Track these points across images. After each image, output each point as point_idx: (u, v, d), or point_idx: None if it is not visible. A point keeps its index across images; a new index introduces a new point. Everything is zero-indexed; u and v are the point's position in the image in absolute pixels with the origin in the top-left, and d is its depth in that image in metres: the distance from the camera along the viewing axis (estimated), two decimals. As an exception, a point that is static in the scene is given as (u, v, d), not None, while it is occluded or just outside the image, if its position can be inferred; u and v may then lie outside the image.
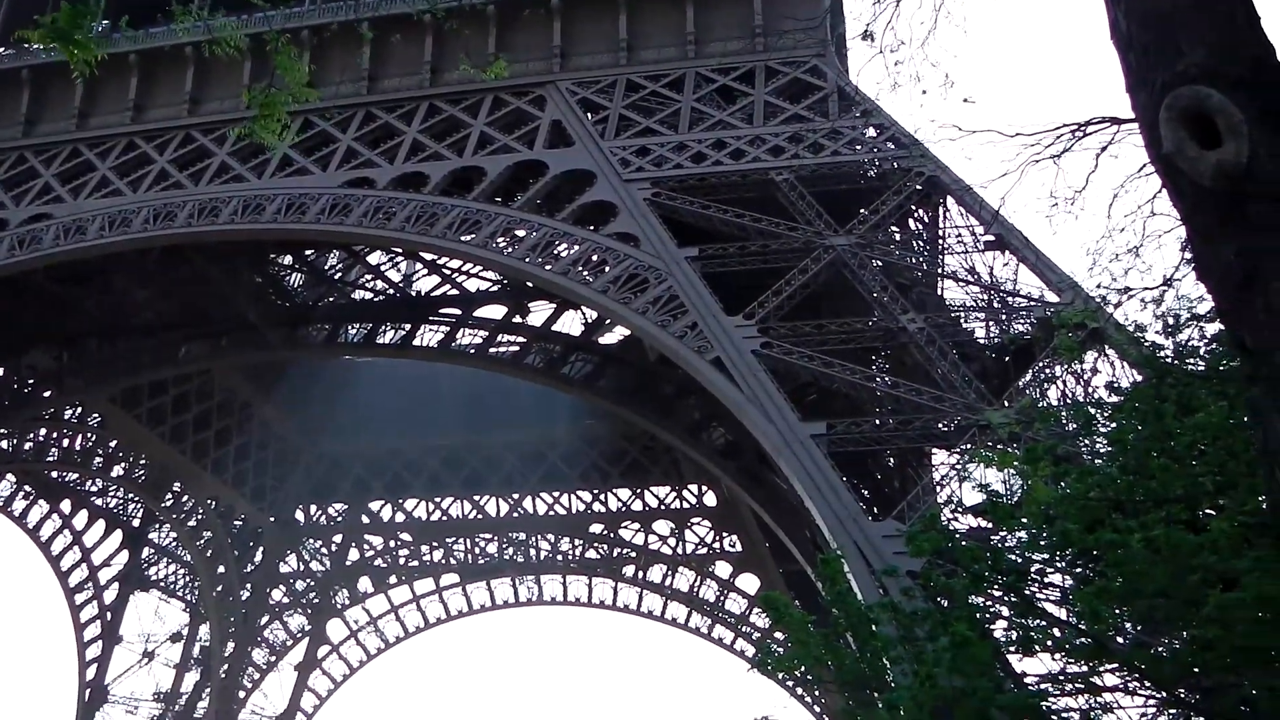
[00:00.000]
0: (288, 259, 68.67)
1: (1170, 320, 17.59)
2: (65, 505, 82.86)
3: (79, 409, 76.35)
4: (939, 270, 47.32)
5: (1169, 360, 17.68)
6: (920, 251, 48.88)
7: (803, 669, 23.90)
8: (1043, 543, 18.07)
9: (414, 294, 68.39)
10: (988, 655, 17.41)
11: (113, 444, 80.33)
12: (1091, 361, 33.03)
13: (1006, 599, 18.61)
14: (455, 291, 65.47)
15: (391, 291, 69.07)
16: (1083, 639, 16.65)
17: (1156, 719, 17.37)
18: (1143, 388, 18.04)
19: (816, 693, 65.69)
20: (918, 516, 35.09)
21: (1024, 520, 18.23)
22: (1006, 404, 36.51)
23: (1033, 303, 42.11)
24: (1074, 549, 16.73)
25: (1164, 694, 16.43)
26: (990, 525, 20.28)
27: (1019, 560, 18.55)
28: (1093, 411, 19.67)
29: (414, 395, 78.77)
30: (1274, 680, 14.41)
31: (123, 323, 65.64)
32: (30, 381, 69.42)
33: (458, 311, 63.61)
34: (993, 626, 18.84)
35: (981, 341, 43.71)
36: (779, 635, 71.92)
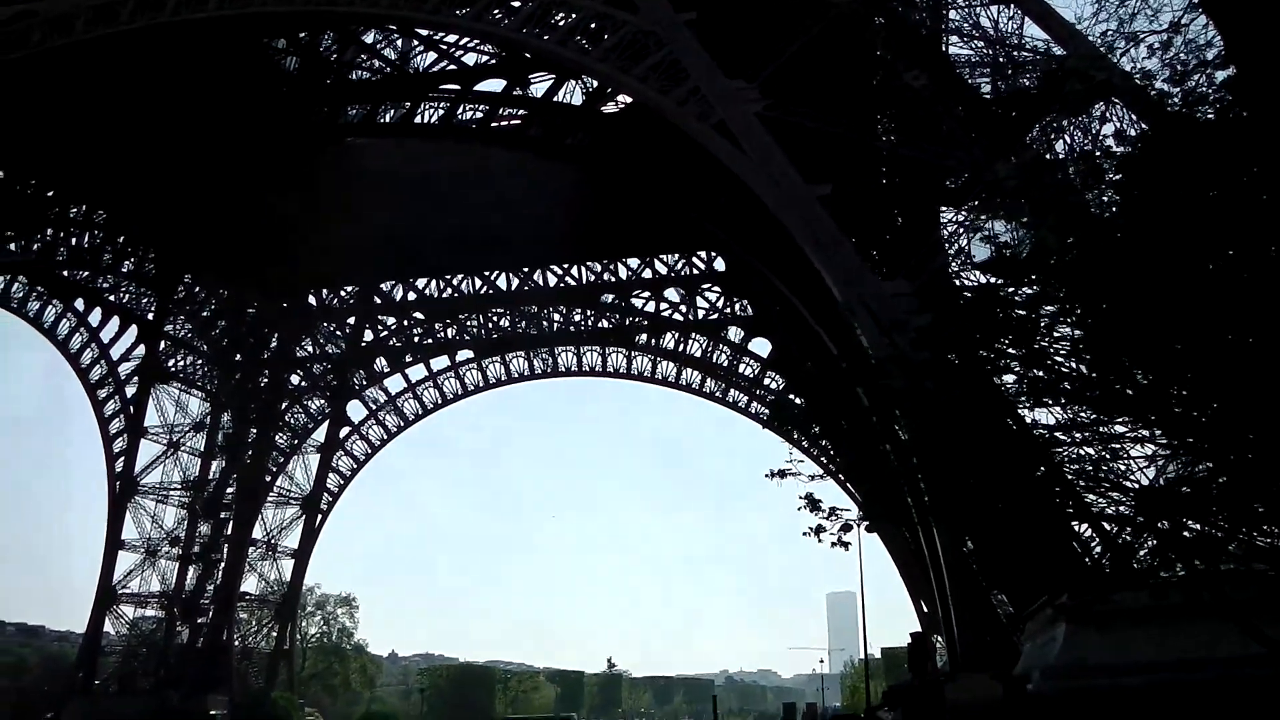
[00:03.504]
0: (281, 43, 67.48)
1: (1178, 67, 17.40)
2: (79, 303, 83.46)
3: (84, 207, 76.22)
4: (943, 26, 46.50)
5: (1177, 108, 17.54)
6: (924, 7, 47.96)
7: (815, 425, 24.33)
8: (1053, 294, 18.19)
9: (412, 71, 67.46)
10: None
11: (120, 239, 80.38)
12: (1098, 112, 32.72)
13: (1016, 351, 18.78)
14: (454, 67, 64.50)
15: (389, 70, 68.17)
16: (1093, 390, 16.90)
17: (1166, 466, 17.68)
18: (1151, 138, 17.95)
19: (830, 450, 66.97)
20: (926, 273, 35.33)
21: (1033, 275, 18.30)
22: (1013, 159, 36.32)
23: (1038, 56, 41.49)
24: (1083, 302, 16.86)
25: (1175, 440, 16.72)
26: (999, 279, 20.37)
27: (1028, 313, 18.69)
28: (1100, 162, 19.58)
29: (414, 177, 78.13)
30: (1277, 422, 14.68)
31: (117, 118, 64.77)
32: (33, 182, 69.25)
33: (457, 87, 62.85)
34: (1002, 379, 19.07)
35: (987, 97, 43.22)
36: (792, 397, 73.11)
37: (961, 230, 38.22)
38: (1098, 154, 20.38)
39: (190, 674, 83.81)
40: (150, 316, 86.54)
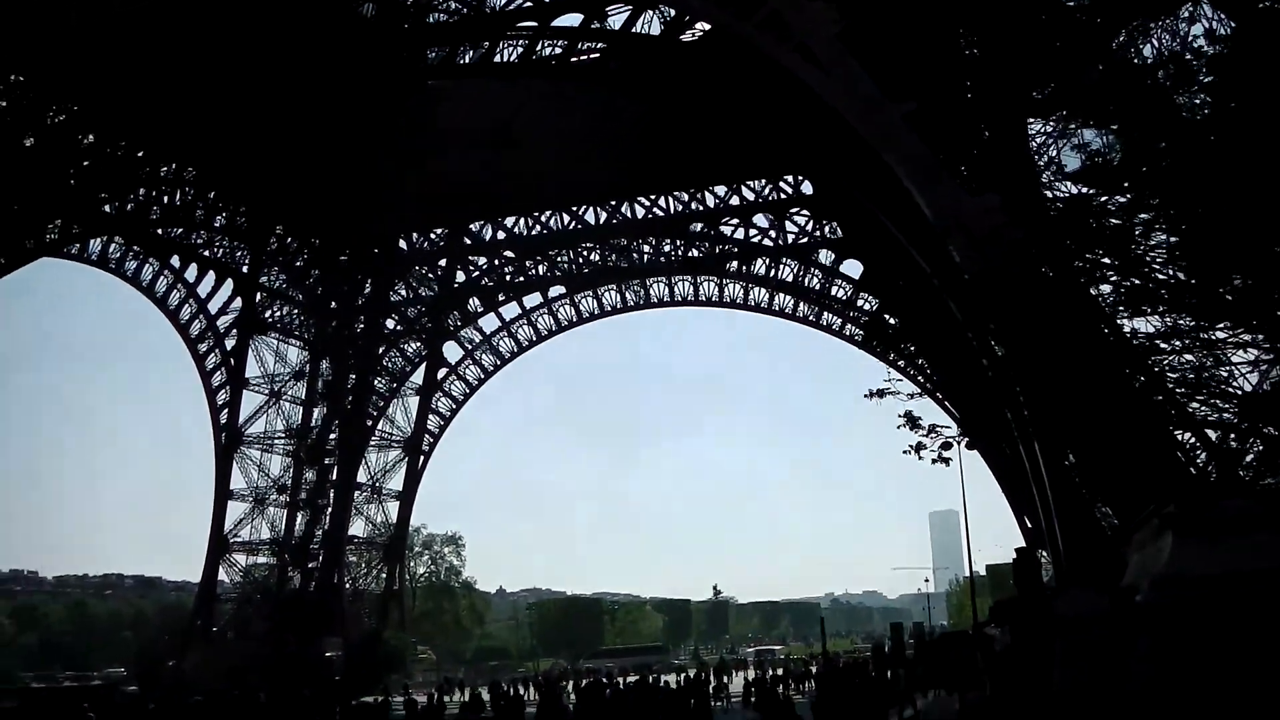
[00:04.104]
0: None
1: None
2: (175, 260, 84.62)
3: (173, 165, 77.03)
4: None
5: (1269, 4, 17.11)
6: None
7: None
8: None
9: (488, 10, 67.25)
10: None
11: (211, 195, 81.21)
12: (1186, 13, 31.92)
13: (1111, 261, 18.52)
14: (530, 4, 64.20)
15: (466, 11, 68.01)
16: (1192, 296, 16.63)
17: (1270, 370, 17.36)
18: (1242, 36, 17.53)
19: (927, 369, 66.70)
20: (1016, 185, 34.85)
21: (1126, 183, 18.01)
22: (1100, 67, 35.59)
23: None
24: (1178, 208, 16.56)
25: (1278, 344, 16.41)
26: (1091, 189, 20.03)
27: (1123, 221, 18.39)
28: (1191, 64, 19.15)
29: (498, 116, 77.99)
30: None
31: (201, 75, 65.21)
32: (122, 143, 70.03)
33: (534, 24, 62.57)
34: (1099, 289, 18.84)
35: (1069, 3, 42.28)
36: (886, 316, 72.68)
37: (1050, 140, 37.52)
38: (1187, 55, 19.95)
39: (304, 618, 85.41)
40: (245, 269, 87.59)
